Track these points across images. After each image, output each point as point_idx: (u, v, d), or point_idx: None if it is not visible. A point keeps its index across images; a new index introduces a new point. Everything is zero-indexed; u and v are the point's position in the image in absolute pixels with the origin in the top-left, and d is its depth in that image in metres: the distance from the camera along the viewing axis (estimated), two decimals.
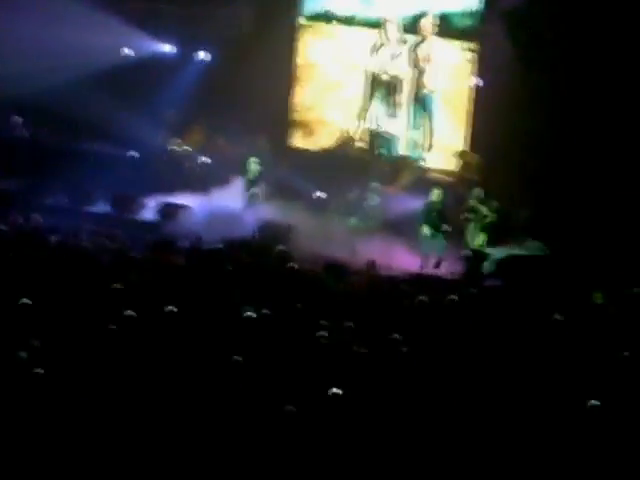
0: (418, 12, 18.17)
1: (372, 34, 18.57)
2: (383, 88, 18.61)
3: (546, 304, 12.12)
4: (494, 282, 14.39)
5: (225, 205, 16.66)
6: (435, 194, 16.17)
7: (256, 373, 9.24)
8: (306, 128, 19.40)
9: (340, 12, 18.86)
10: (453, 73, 18.20)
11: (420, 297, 11.70)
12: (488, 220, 16.01)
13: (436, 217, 15.98)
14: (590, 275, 13.88)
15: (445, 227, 15.87)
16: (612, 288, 13.09)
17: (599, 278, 13.62)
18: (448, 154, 18.28)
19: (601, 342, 10.74)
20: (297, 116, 19.42)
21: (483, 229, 16.08)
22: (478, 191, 16.27)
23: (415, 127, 18.52)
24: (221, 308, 10.91)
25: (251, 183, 17.32)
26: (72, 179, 16.83)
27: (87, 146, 18.36)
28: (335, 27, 18.92)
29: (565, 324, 11.29)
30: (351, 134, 18.98)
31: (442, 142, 18.36)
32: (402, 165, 18.48)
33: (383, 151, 18.61)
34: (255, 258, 13.48)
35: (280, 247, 13.78)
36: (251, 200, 17.13)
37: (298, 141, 19.49)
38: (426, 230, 15.94)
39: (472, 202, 16.17)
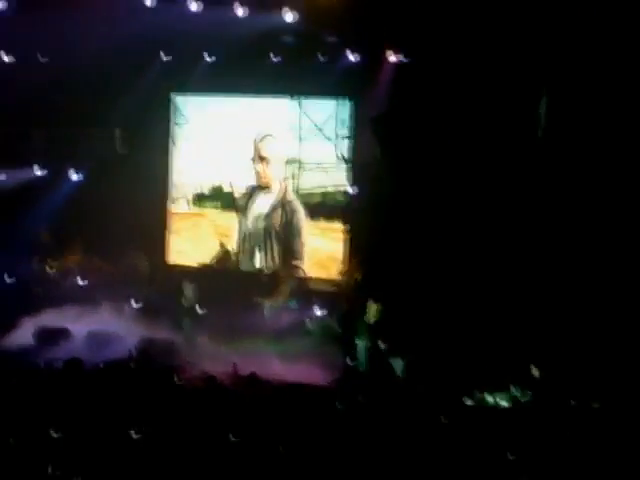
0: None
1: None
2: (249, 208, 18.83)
3: (428, 407, 12.30)
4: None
5: (104, 326, 16.40)
6: (372, 308, 15.97)
7: None
8: (185, 246, 19.46)
9: None
10: None
11: (307, 408, 11.67)
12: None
13: (369, 332, 15.80)
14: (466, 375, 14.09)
15: (381, 342, 15.59)
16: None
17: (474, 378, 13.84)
18: (326, 263, 18.45)
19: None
20: (175, 234, 19.46)
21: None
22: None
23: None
24: (104, 430, 10.68)
25: (188, 311, 16.80)
26: None
27: None
28: None
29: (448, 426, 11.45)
30: (229, 250, 19.08)
31: (319, 252, 18.54)
32: (279, 277, 18.56)
33: (255, 266, 18.72)
34: (137, 377, 13.28)
35: (163, 364, 13.63)
36: (189, 333, 16.40)
37: (177, 258, 19.49)
38: (360, 344, 15.74)
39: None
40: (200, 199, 19.26)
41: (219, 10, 16.73)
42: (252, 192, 18.74)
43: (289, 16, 16.67)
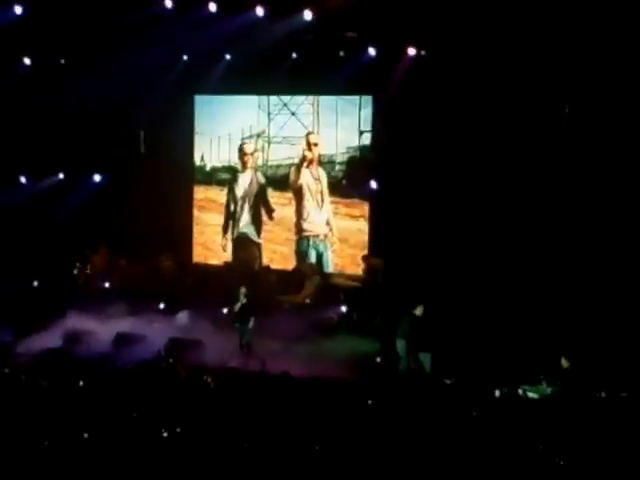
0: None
1: None
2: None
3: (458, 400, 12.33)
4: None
5: (131, 326, 16.47)
6: (419, 309, 15.33)
7: None
8: (209, 244, 19.56)
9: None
10: None
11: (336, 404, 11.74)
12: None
13: (413, 332, 15.13)
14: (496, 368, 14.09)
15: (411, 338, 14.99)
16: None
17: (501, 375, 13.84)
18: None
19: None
20: (199, 233, 19.56)
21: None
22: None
23: None
24: (133, 430, 10.77)
25: (241, 315, 16.28)
26: None
27: None
28: None
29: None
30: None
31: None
32: (304, 273, 18.58)
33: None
34: (164, 376, 13.36)
35: (192, 363, 13.72)
36: (247, 336, 16.04)
37: (201, 257, 19.58)
38: (400, 345, 15.18)
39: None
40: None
41: (239, 12, 16.78)
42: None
43: (307, 15, 16.70)
